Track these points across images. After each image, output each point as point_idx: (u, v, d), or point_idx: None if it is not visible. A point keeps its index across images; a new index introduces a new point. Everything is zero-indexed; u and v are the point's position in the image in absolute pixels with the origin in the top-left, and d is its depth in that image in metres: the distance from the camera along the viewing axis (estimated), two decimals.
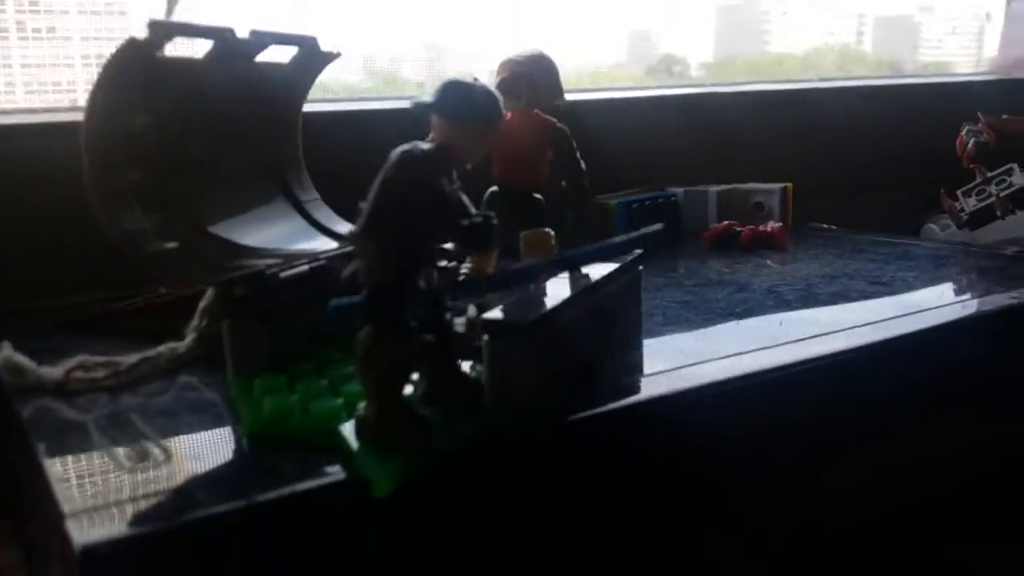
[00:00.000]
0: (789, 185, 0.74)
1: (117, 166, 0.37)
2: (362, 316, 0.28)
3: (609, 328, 0.40)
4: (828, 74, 1.14)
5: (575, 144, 0.45)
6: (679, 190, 0.74)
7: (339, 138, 0.61)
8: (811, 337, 0.43)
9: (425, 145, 0.29)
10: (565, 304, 0.34)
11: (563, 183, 0.45)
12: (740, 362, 0.39)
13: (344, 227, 0.48)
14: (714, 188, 0.73)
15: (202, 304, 0.42)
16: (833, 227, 0.79)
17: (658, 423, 0.36)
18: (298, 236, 0.46)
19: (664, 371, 0.38)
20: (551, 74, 0.45)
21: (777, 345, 0.41)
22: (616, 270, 0.41)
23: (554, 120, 0.45)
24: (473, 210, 0.32)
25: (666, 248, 0.66)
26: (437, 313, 0.30)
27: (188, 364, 0.41)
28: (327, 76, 0.50)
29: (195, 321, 0.43)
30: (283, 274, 0.38)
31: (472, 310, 0.37)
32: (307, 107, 0.49)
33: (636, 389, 0.37)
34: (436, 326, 0.30)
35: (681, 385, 0.37)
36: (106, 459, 0.31)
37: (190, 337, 0.43)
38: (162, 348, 0.41)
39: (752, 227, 0.66)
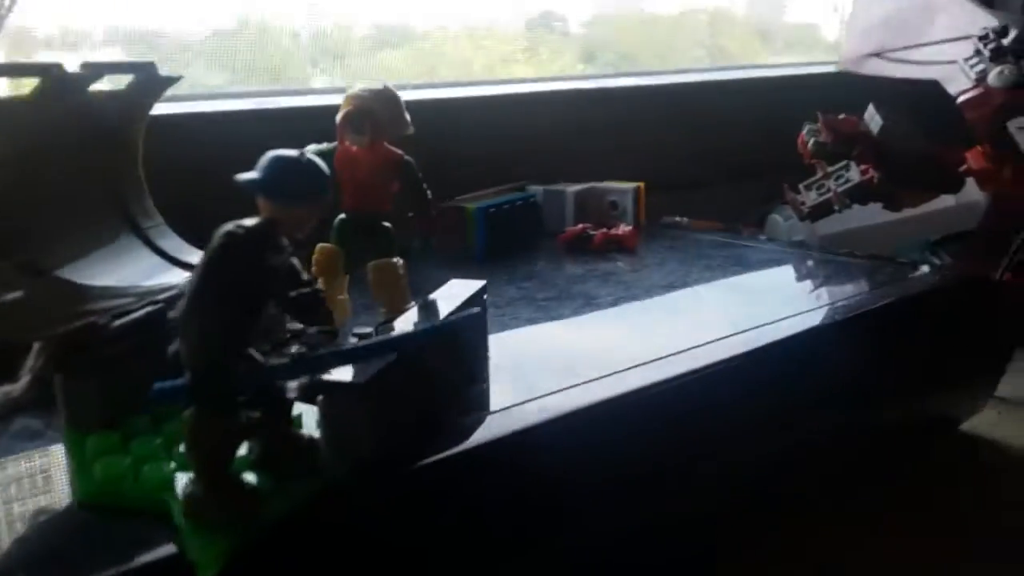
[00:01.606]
0: (641, 185, 0.77)
1: None
2: (186, 398, 0.28)
3: (455, 367, 0.41)
4: (700, 37, 1.18)
5: (420, 176, 0.46)
6: (539, 189, 0.76)
7: (196, 144, 0.60)
8: (652, 361, 0.45)
9: (249, 222, 0.29)
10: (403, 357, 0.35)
11: (410, 214, 0.46)
12: (587, 391, 0.41)
13: (192, 255, 0.47)
14: (571, 188, 0.76)
15: (37, 344, 0.41)
16: (684, 219, 0.83)
17: (503, 463, 0.37)
18: (147, 270, 0.45)
19: (510, 406, 0.40)
20: (395, 106, 0.45)
21: (620, 371, 0.43)
22: (462, 306, 0.43)
23: (400, 153, 0.46)
24: (305, 276, 0.32)
25: (524, 250, 0.68)
26: (267, 383, 0.30)
27: (26, 408, 0.41)
28: None
29: (30, 361, 0.42)
30: (115, 323, 0.38)
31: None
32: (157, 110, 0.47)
33: (477, 429, 0.38)
34: (266, 393, 0.31)
35: (526, 421, 0.38)
36: None
37: (25, 379, 0.42)
38: None
39: (604, 231, 0.69)
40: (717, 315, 0.53)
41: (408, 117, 0.46)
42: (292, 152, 0.30)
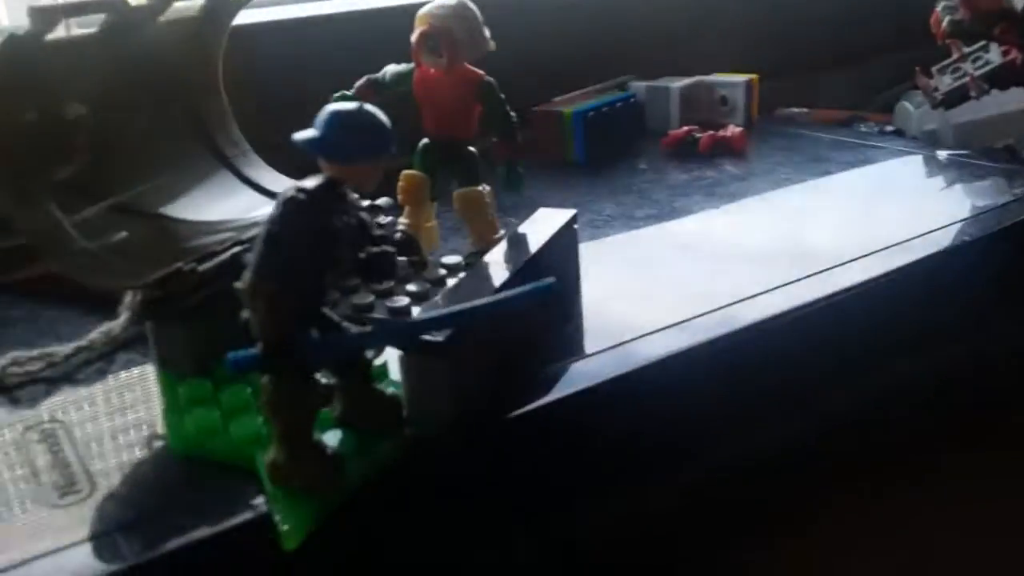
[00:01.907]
0: (754, 77, 0.71)
1: (27, 165, 0.35)
2: (260, 369, 0.27)
3: (543, 309, 0.39)
4: None
5: (503, 97, 0.43)
6: (641, 85, 0.72)
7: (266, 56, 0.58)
8: (759, 294, 0.42)
9: (310, 183, 0.28)
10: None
11: (493, 139, 0.44)
12: (688, 330, 0.38)
13: (279, 181, 0.46)
14: (676, 84, 0.71)
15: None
16: (803, 109, 0.77)
17: (598, 410, 0.36)
18: (237, 203, 0.45)
19: (605, 349, 0.38)
20: (473, 24, 0.42)
21: (725, 305, 0.41)
22: (552, 238, 0.41)
23: (480, 73, 0.43)
24: (377, 231, 0.31)
25: (625, 156, 0.64)
26: (353, 347, 0.30)
27: (126, 345, 0.42)
28: None
29: (128, 297, 0.42)
30: (201, 267, 0.37)
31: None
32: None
33: (569, 377, 0.36)
34: (351, 358, 0.30)
35: (622, 368, 0.36)
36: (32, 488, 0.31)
37: (124, 316, 0.43)
38: (95, 334, 0.41)
39: (711, 133, 0.65)
40: (836, 234, 0.49)
41: (487, 33, 0.43)
42: (350, 105, 0.28)
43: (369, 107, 0.28)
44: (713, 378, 0.38)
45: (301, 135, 0.28)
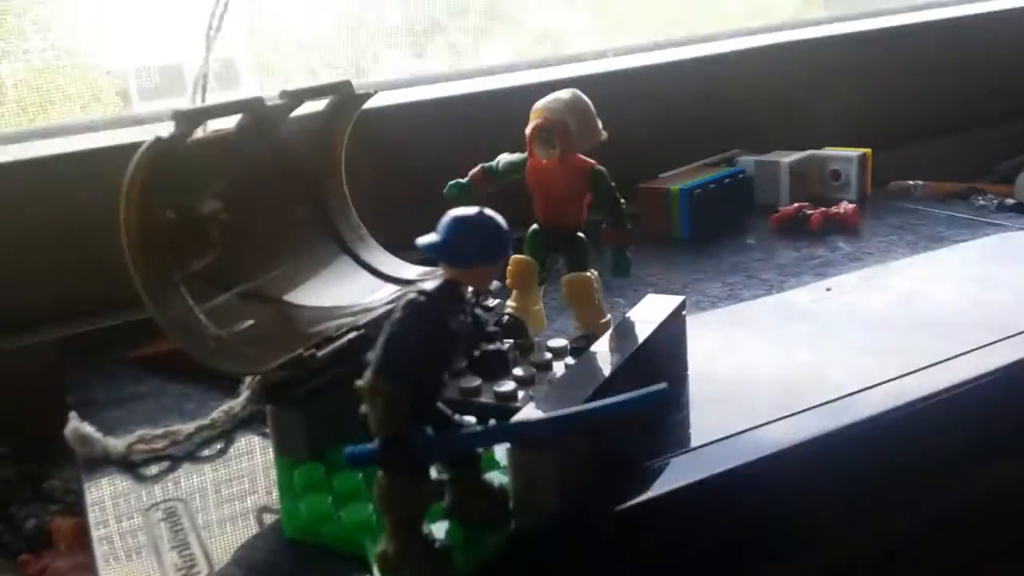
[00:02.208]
0: (868, 152, 0.70)
1: (165, 257, 0.38)
2: (376, 465, 0.29)
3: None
4: None
5: (612, 185, 0.44)
6: (750, 160, 0.71)
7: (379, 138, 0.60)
8: (875, 386, 0.41)
9: (431, 286, 0.29)
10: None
11: (603, 224, 0.44)
12: (803, 422, 0.38)
13: (397, 267, 0.48)
14: (787, 158, 0.70)
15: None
16: (917, 183, 0.75)
17: (706, 508, 0.35)
18: (358, 287, 0.47)
19: (713, 441, 0.37)
20: (586, 117, 0.43)
21: (839, 397, 0.40)
22: (660, 326, 0.41)
23: (592, 162, 0.44)
24: (491, 328, 0.32)
25: (734, 233, 0.64)
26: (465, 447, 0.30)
27: (246, 422, 0.44)
28: None
29: (250, 376, 0.45)
30: (320, 353, 0.39)
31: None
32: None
33: (673, 471, 0.36)
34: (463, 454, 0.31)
35: (732, 460, 0.35)
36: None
37: (244, 395, 0.45)
38: (217, 413, 0.43)
39: (823, 210, 0.64)
40: (954, 319, 0.47)
41: (600, 124, 0.44)
42: (471, 211, 0.29)
43: (488, 212, 0.30)
44: (822, 473, 0.37)
45: (424, 240, 0.29)
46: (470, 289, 0.30)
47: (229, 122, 0.42)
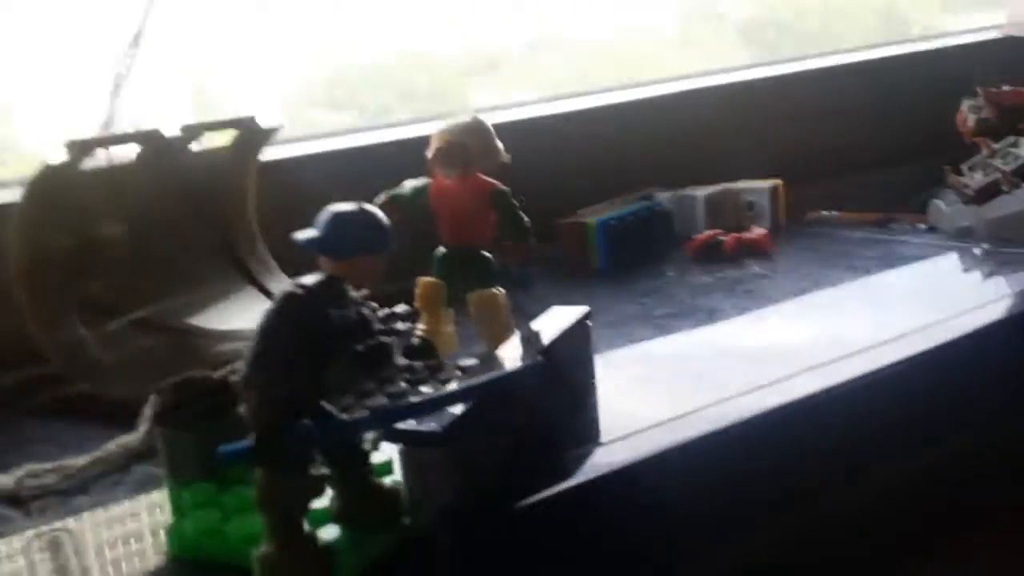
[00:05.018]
0: (779, 183, 0.72)
1: (56, 283, 0.38)
2: (252, 460, 0.28)
3: (556, 398, 0.39)
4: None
5: (515, 203, 0.45)
6: (668, 195, 0.73)
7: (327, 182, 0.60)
8: (770, 384, 0.41)
9: (310, 280, 0.29)
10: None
11: (507, 242, 0.45)
12: (701, 419, 0.38)
13: None
14: (702, 191, 0.72)
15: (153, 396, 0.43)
16: (833, 212, 0.77)
17: (613, 499, 0.35)
18: (256, 312, 0.46)
19: (621, 437, 0.38)
20: (486, 137, 0.44)
21: (735, 396, 0.40)
22: (564, 333, 0.41)
23: (493, 183, 0.45)
24: (377, 325, 0.32)
25: (651, 262, 0.65)
26: (343, 435, 0.30)
27: (144, 457, 0.42)
28: None
29: (147, 411, 0.44)
30: (214, 376, 0.38)
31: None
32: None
33: (584, 464, 0.36)
34: (341, 447, 0.30)
35: (637, 454, 0.36)
36: None
37: (142, 428, 0.44)
38: (112, 446, 0.42)
39: (736, 235, 0.65)
40: (850, 327, 0.48)
41: (500, 146, 0.45)
42: (350, 205, 0.30)
43: (367, 206, 0.30)
44: (718, 470, 0.37)
45: (302, 234, 0.29)
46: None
47: None
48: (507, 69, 0.92)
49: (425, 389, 0.42)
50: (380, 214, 0.30)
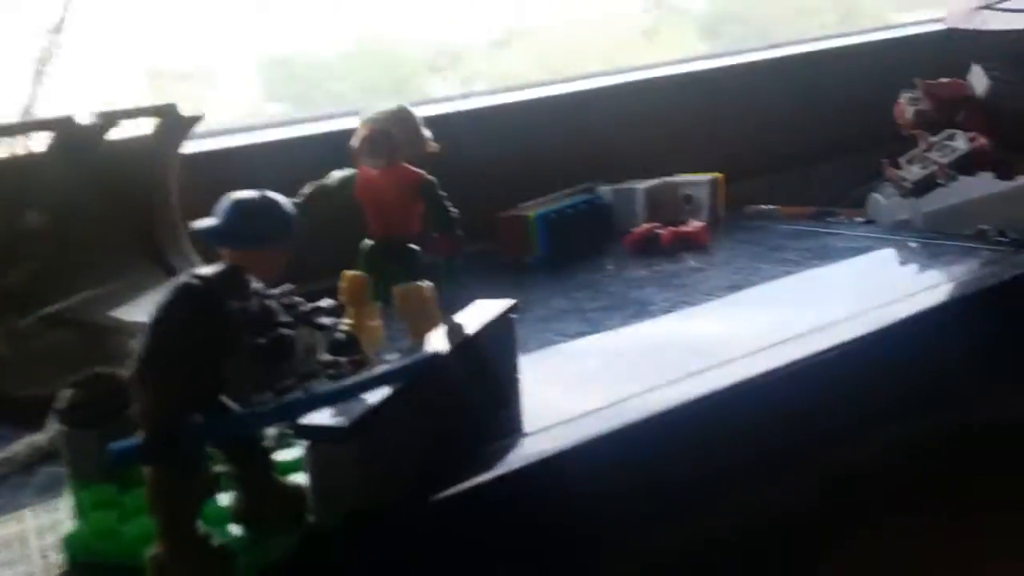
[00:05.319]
0: (719, 176, 0.72)
1: None
2: (143, 459, 0.27)
3: (477, 392, 0.39)
4: None
5: (442, 194, 0.44)
6: (608, 189, 0.72)
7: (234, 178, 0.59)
8: (693, 375, 0.41)
9: (208, 271, 0.28)
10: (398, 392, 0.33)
11: (434, 235, 0.44)
12: (625, 409, 0.38)
13: None
14: (642, 185, 0.71)
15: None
16: (771, 207, 0.77)
17: (536, 490, 0.35)
18: None
19: (544, 429, 0.37)
20: (411, 126, 0.43)
21: (657, 387, 0.40)
22: (487, 325, 0.40)
23: (419, 173, 0.44)
24: (282, 317, 0.31)
25: (590, 256, 0.64)
26: (236, 431, 0.29)
27: (52, 457, 0.41)
28: None
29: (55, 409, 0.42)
30: (122, 372, 0.37)
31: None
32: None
33: (507, 456, 0.36)
34: (239, 444, 0.29)
35: (560, 444, 0.36)
36: None
37: (50, 428, 0.42)
38: (19, 446, 0.41)
39: (673, 229, 0.65)
40: (780, 319, 0.48)
41: (427, 134, 0.44)
42: (250, 193, 0.28)
43: (270, 194, 0.29)
44: (642, 460, 0.37)
45: (200, 223, 0.28)
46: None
47: None
48: (470, 63, 0.91)
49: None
50: (284, 202, 0.29)
